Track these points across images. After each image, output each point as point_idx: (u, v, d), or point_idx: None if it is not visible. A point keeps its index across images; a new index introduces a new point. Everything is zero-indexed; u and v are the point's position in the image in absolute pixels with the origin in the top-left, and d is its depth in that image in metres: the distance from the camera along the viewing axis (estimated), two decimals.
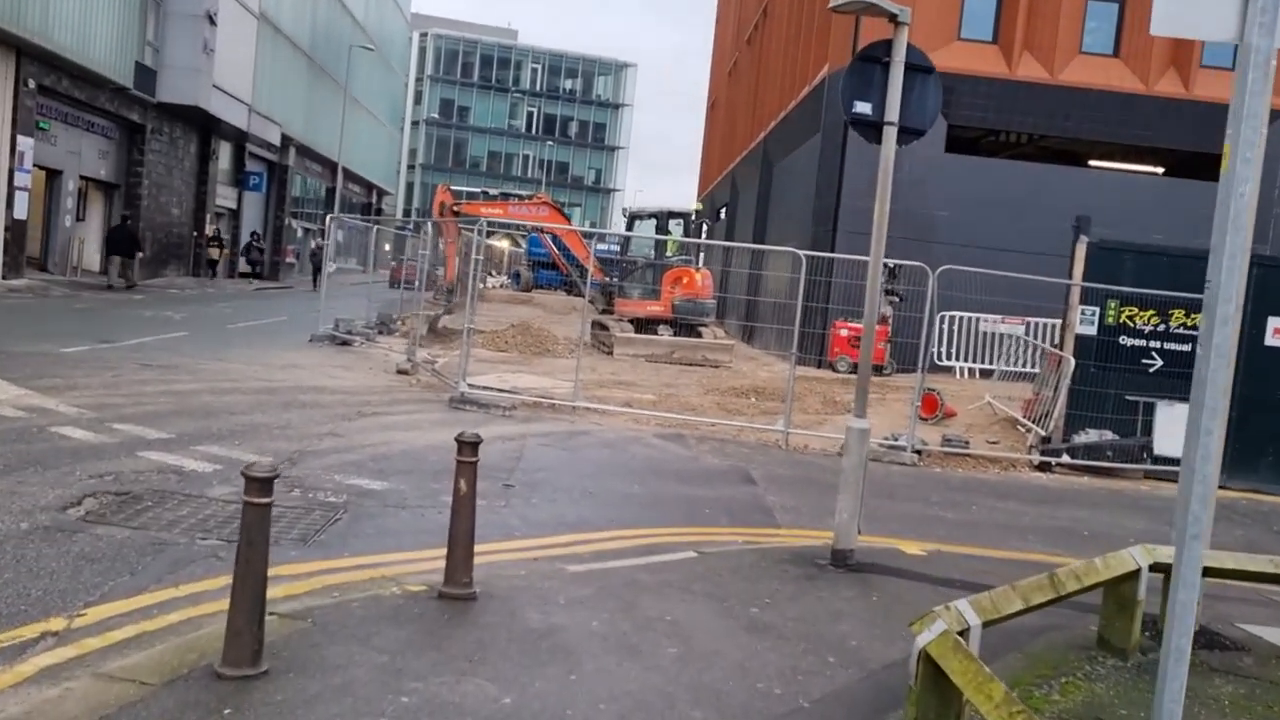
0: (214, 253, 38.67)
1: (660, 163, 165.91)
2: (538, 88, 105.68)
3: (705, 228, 24.27)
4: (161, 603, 5.42)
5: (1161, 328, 13.23)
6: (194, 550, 6.29)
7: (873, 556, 7.30)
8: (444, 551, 5.83)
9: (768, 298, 23.57)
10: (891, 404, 16.59)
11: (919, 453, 12.42)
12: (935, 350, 21.85)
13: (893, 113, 6.79)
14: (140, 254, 31.34)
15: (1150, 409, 13.13)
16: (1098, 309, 13.24)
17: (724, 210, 43.14)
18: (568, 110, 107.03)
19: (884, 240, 7.03)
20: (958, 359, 21.78)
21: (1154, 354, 13.26)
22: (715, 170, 48.72)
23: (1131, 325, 13.25)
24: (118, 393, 11.18)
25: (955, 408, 15.45)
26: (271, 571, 6.03)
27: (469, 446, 5.78)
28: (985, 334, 21.87)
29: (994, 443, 13.69)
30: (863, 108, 6.84)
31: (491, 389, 14.84)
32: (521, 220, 25.08)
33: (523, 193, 26.01)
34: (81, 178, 31.31)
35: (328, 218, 20.42)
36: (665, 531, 7.91)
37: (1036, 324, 21.21)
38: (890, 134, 6.85)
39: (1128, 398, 13.17)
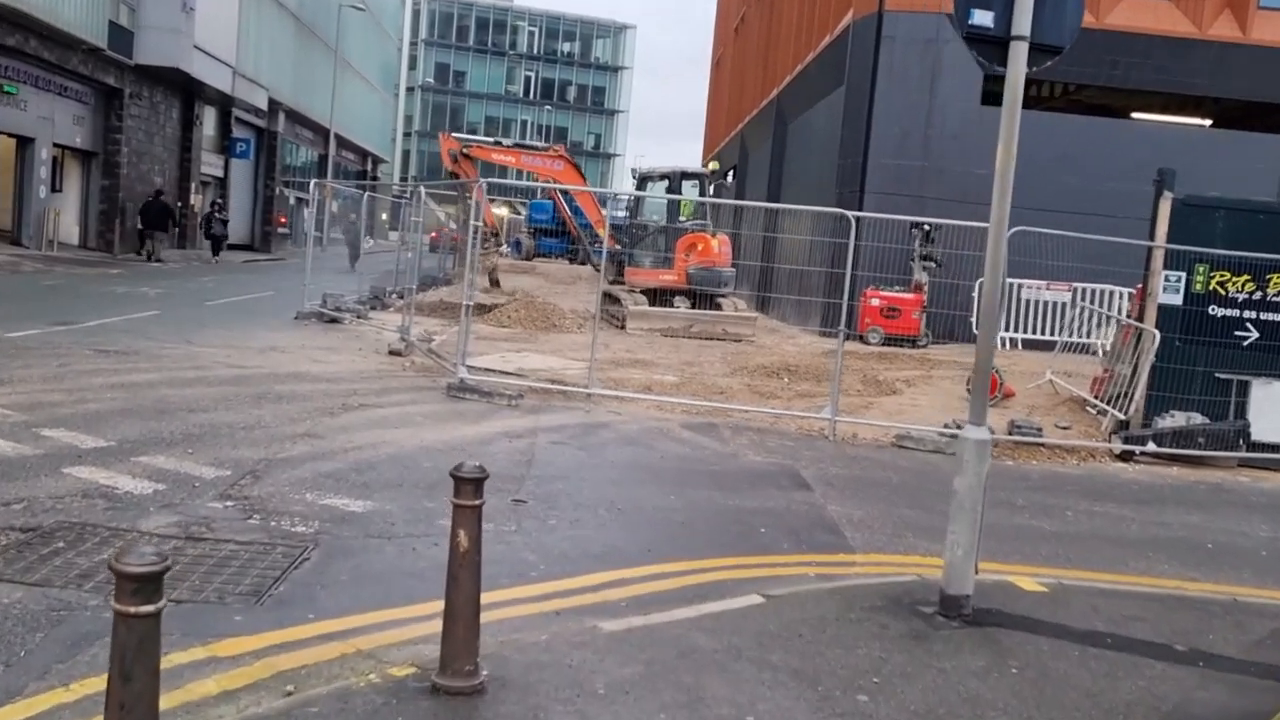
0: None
1: (662, 127, 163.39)
2: (535, 51, 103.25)
3: (721, 188, 22.43)
4: (39, 716, 3.85)
5: (1258, 295, 11.58)
6: (105, 618, 4.68)
7: (985, 596, 5.72)
8: (440, 605, 4.25)
9: (788, 265, 21.90)
10: (939, 382, 14.98)
11: None
12: (974, 319, 20.26)
13: (1023, 24, 5.14)
14: (175, 228, 33.05)
15: (1244, 388, 11.55)
16: (1184, 274, 11.60)
17: (732, 172, 41.33)
18: (566, 74, 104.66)
19: (1008, 194, 5.38)
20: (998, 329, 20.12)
21: (1249, 325, 11.62)
22: (722, 131, 46.84)
23: (1223, 293, 11.60)
24: (59, 388, 9.57)
25: (1013, 386, 13.84)
26: (207, 651, 4.47)
27: (469, 485, 4.18)
28: (1027, 301, 20.26)
29: (1065, 428, 12.10)
30: (982, 19, 5.18)
31: (494, 371, 13.26)
32: (534, 171, 23.25)
33: (537, 144, 23.97)
34: (56, 145, 29.55)
35: (312, 183, 18.73)
36: (717, 564, 6.34)
37: (1084, 289, 19.62)
38: (1019, 53, 5.20)
39: (1218, 375, 11.55)
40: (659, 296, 20.15)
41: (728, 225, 24.58)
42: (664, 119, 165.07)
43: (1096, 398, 12.80)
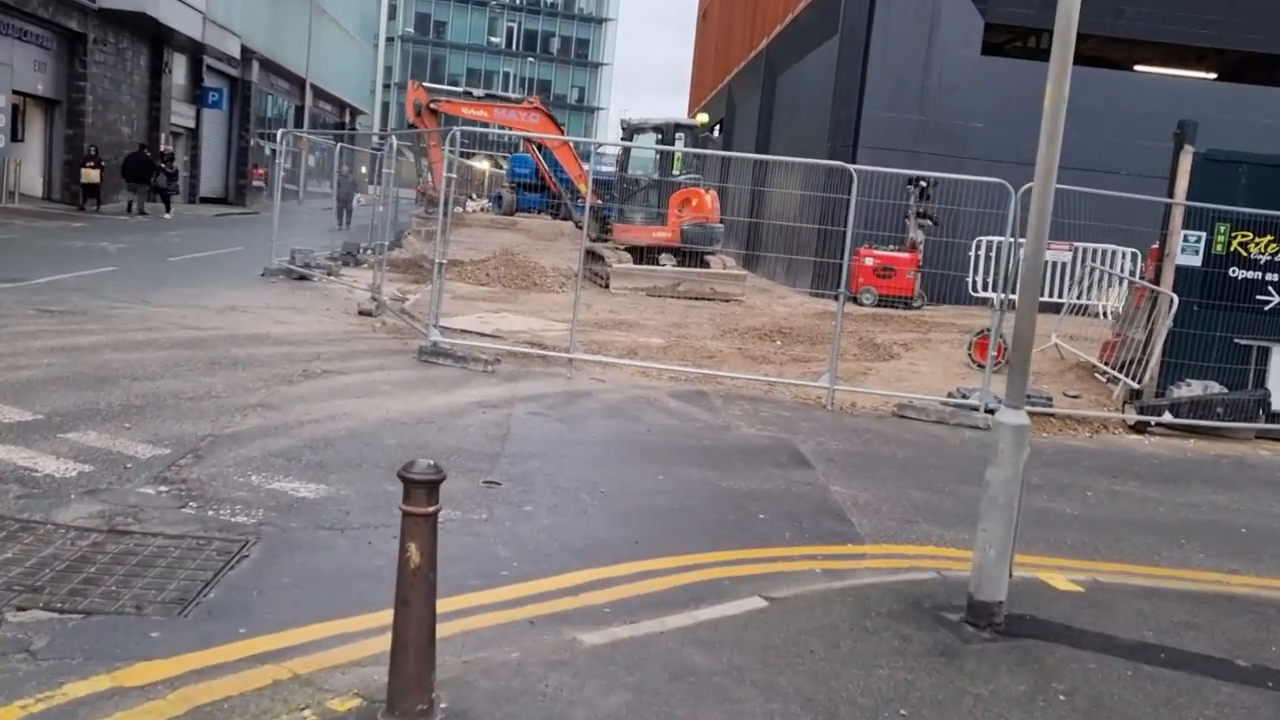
0: (91, 175, 28.85)
1: (646, 81, 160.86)
2: (517, 1, 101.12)
3: (707, 141, 21.53)
4: None
5: None
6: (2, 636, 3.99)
7: (1014, 598, 5.03)
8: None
9: (778, 221, 21.11)
10: (939, 346, 14.31)
11: (992, 412, 10.14)
12: (970, 280, 19.59)
13: None
14: (153, 183, 30.88)
15: (1265, 355, 10.93)
16: (1204, 234, 10.91)
17: (718, 127, 40.35)
18: (549, 25, 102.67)
19: (1058, 140, 4.66)
20: (994, 289, 19.47)
21: (1270, 289, 10.97)
22: (708, 85, 45.77)
23: (1244, 254, 10.93)
24: None
25: None
26: (112, 680, 3.73)
27: (422, 489, 3.44)
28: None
29: (1074, 396, 11.46)
30: None
31: (470, 333, 12.54)
32: (508, 125, 22.24)
33: (511, 95, 22.67)
34: (16, 93, 28.33)
35: (279, 133, 17.71)
36: (712, 558, 5.65)
37: (1086, 249, 18.96)
38: None
39: (1237, 341, 10.92)
40: (644, 254, 19.35)
41: (713, 180, 23.74)
42: (649, 72, 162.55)
43: (1106, 364, 12.15)
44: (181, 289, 14.01)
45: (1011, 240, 10.25)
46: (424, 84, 22.43)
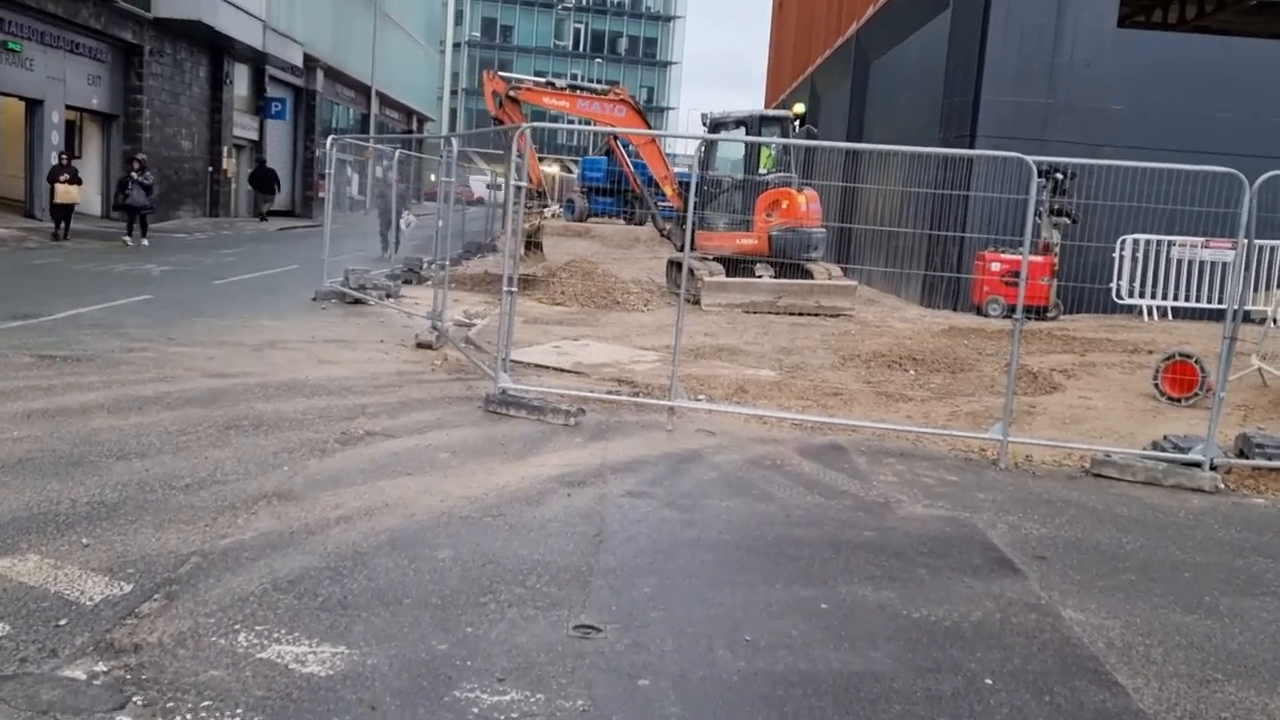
0: (69, 193, 22.03)
1: (716, 80, 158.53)
2: (584, 2, 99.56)
3: (810, 134, 19.30)
4: None
5: None
6: None
7: None
8: None
9: (890, 226, 18.78)
10: (1105, 372, 11.96)
11: (1216, 469, 7.87)
12: (1114, 285, 17.19)
13: None
14: (278, 191, 37.11)
15: None
16: None
17: (798, 122, 37.97)
18: (616, 25, 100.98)
19: None
20: (1143, 296, 17.03)
21: None
22: (787, 78, 43.42)
23: None
24: None
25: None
26: None
27: None
28: (1179, 262, 17.07)
29: None
30: None
31: (547, 368, 10.60)
32: (591, 117, 20.25)
33: (595, 85, 20.54)
34: (72, 108, 27.27)
35: (329, 140, 15.97)
36: None
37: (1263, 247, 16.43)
38: None
39: None
40: (738, 265, 17.23)
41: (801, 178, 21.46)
42: (719, 69, 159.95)
43: None
44: (217, 320, 12.28)
45: (1246, 243, 7.90)
46: (500, 73, 20.53)
